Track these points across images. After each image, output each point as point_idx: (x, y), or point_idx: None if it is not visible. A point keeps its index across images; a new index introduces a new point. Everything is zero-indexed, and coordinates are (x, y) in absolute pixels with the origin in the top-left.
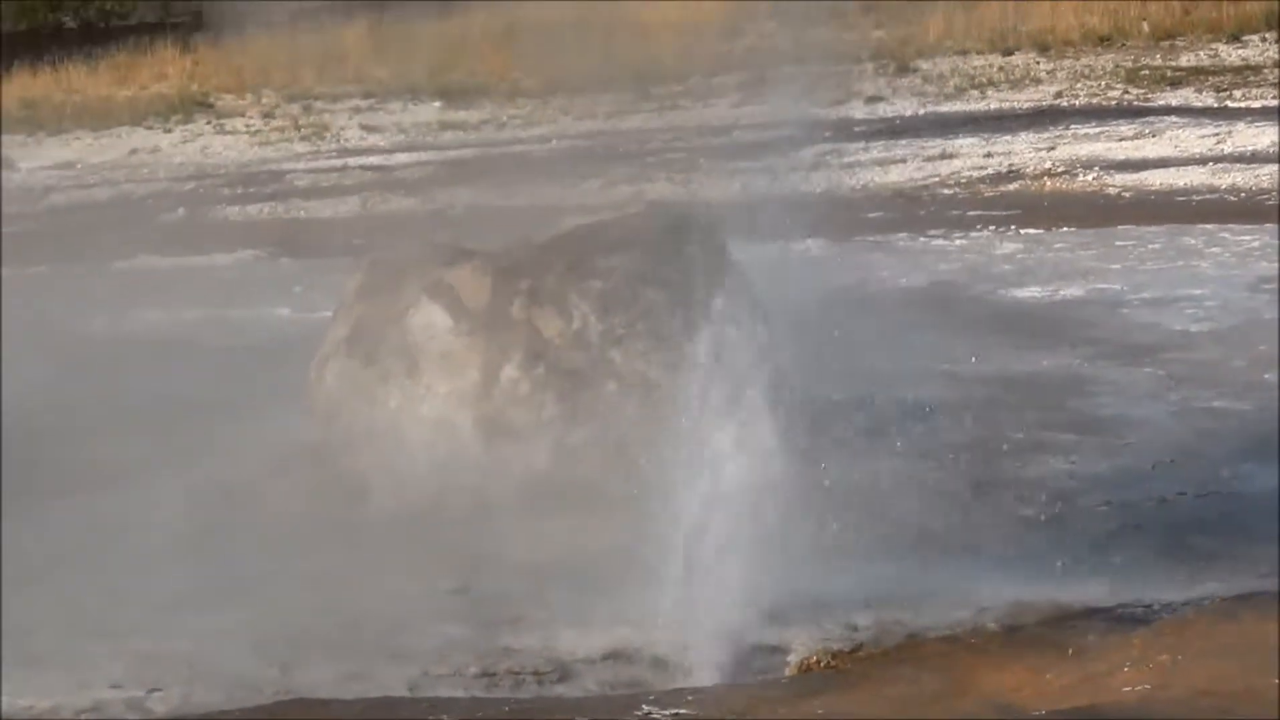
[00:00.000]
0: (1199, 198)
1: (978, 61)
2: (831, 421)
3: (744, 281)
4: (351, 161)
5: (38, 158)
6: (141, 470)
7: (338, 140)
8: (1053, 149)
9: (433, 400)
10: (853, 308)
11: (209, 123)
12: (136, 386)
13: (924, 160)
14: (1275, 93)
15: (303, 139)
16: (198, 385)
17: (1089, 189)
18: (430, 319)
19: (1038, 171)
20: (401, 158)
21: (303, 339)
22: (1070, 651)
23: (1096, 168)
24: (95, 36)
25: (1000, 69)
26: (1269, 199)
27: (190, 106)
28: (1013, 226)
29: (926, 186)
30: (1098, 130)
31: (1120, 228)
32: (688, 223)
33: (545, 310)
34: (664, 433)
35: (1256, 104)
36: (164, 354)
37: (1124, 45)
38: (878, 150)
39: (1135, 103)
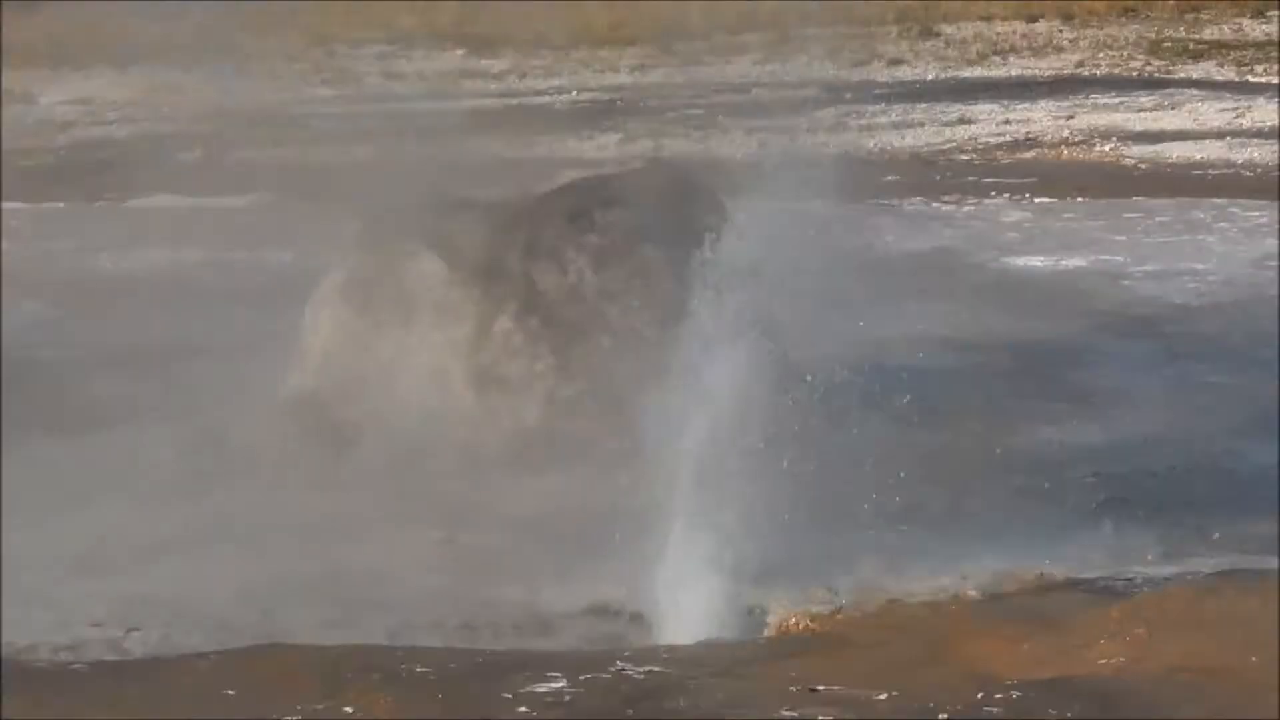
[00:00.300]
0: (1215, 172)
1: (1001, 28)
2: (823, 385)
3: (743, 242)
4: (372, 108)
5: (58, 92)
6: (131, 412)
7: (359, 85)
8: (1071, 118)
9: (426, 350)
10: (854, 272)
11: (231, 64)
12: (131, 327)
13: (942, 125)
14: None
15: (324, 83)
16: (192, 327)
17: (1105, 159)
18: (426, 268)
19: (1055, 140)
20: (422, 105)
21: (302, 284)
22: (1049, 622)
23: (1114, 138)
24: None
25: (1023, 36)
26: None
27: (213, 48)
28: (1026, 195)
29: (943, 151)
30: (1117, 101)
31: (1133, 199)
32: (689, 180)
33: (542, 263)
34: (656, 389)
35: (1277, 79)
36: (162, 295)
37: (1148, 16)
38: (896, 114)
39: (1156, 74)
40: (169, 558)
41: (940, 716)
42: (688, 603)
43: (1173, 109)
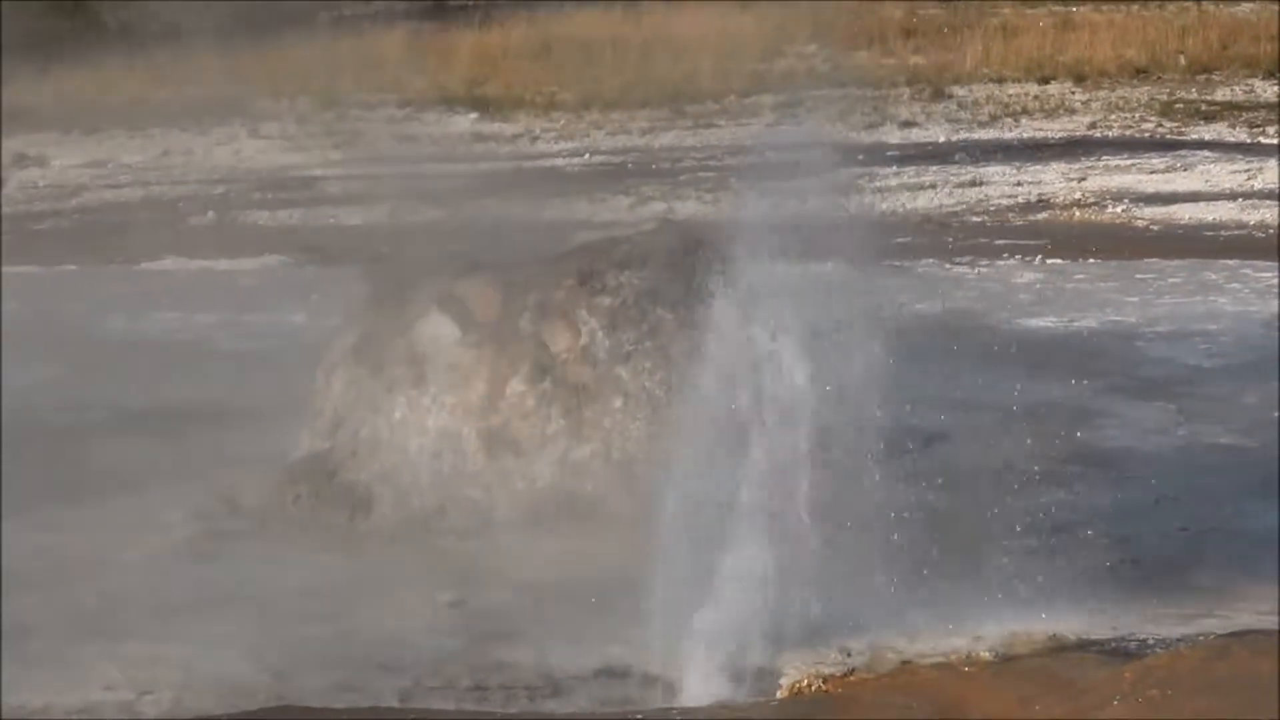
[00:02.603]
0: (1226, 233)
1: (1013, 89)
2: (834, 446)
3: (755, 303)
4: (383, 170)
5: (71, 155)
6: (142, 475)
7: (370, 148)
8: (1083, 179)
9: (438, 411)
10: (865, 333)
11: (243, 126)
12: (144, 389)
13: (954, 187)
14: None
15: (335, 146)
16: (204, 390)
17: (1117, 221)
18: (438, 330)
19: (1067, 202)
20: (433, 168)
21: (314, 346)
22: (1061, 683)
23: (1126, 200)
24: (134, 37)
25: (1035, 97)
26: None
27: (224, 110)
28: (1038, 256)
29: (955, 213)
30: (1129, 162)
31: (1144, 261)
32: (700, 241)
33: (554, 324)
34: (668, 452)
35: None
36: (175, 357)
37: (1160, 78)
38: (908, 175)
39: (1168, 136)
40: (181, 620)
41: None
42: (700, 665)
43: (1185, 170)
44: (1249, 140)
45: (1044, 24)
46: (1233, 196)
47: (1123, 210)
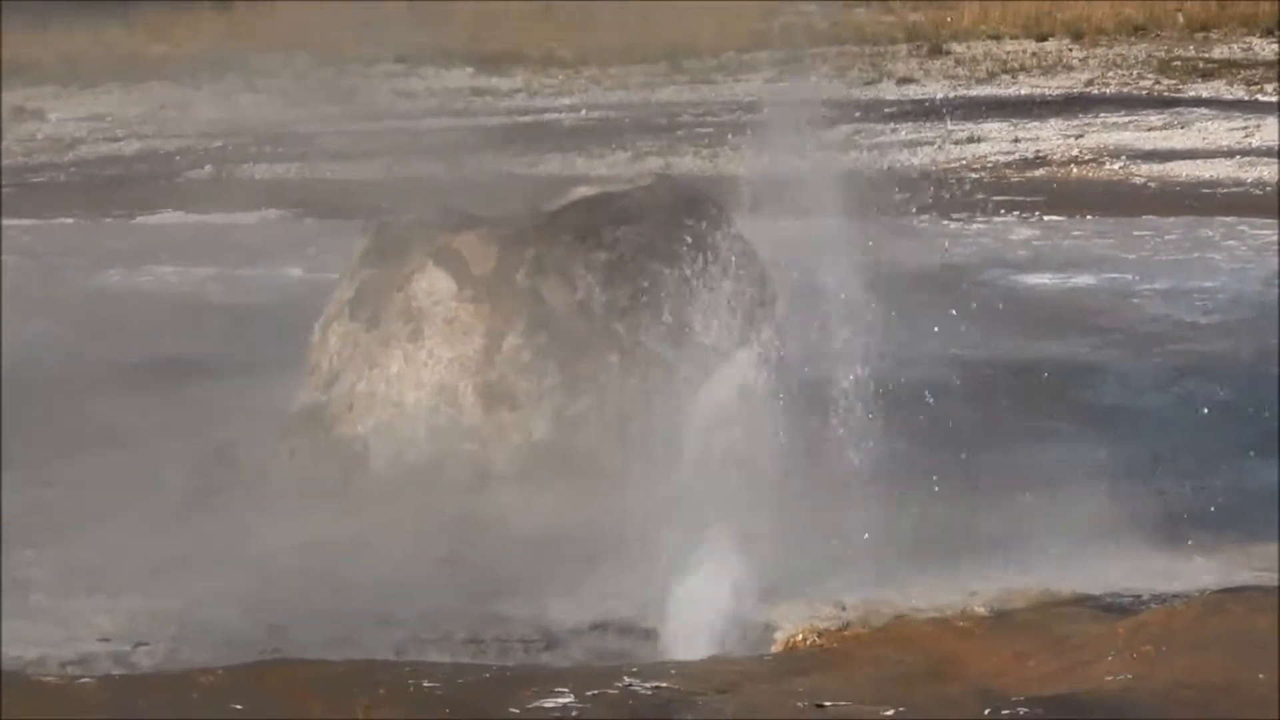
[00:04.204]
0: (1224, 190)
1: (1011, 46)
2: (829, 402)
3: (751, 259)
4: (380, 125)
5: (68, 109)
6: (139, 428)
7: (368, 103)
8: (1081, 137)
9: (434, 366)
10: (862, 289)
11: (240, 80)
12: (140, 343)
13: (952, 143)
14: None
15: (333, 101)
16: (201, 344)
17: (1115, 178)
18: (435, 284)
19: (1064, 159)
20: (431, 123)
21: (310, 300)
22: (1055, 638)
23: (1123, 157)
24: None
25: (1033, 54)
26: None
27: (221, 64)
28: (1035, 213)
29: (952, 170)
30: (1127, 119)
31: (1142, 218)
32: (697, 197)
33: (550, 279)
34: (664, 406)
35: None
36: (172, 311)
37: (1158, 35)
38: (906, 132)
39: (1166, 93)
40: (177, 573)
41: None
42: (695, 618)
43: (1182, 128)
44: (1246, 98)
45: None
46: (1230, 154)
47: (1120, 167)
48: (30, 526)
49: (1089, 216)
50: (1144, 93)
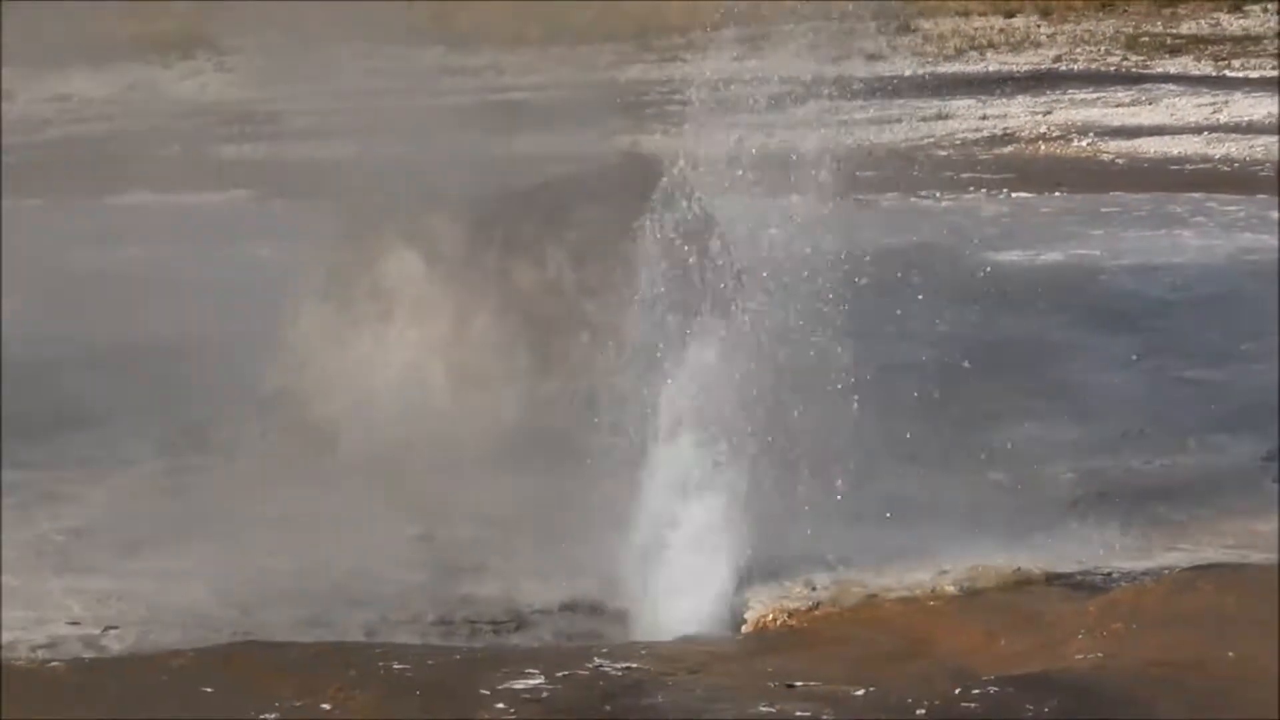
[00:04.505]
0: (1192, 167)
1: (979, 22)
2: (798, 380)
3: (720, 238)
4: (349, 104)
5: (36, 90)
6: (109, 409)
7: (337, 82)
8: (1049, 113)
9: (404, 347)
10: (830, 267)
11: (208, 60)
12: (110, 324)
13: (920, 120)
14: (1274, 63)
15: (302, 80)
16: (171, 325)
17: (1083, 154)
18: (405, 264)
19: (1033, 135)
20: (400, 102)
21: (281, 281)
22: (1026, 617)
23: (1092, 133)
24: None
25: (1001, 31)
26: (1262, 170)
27: (190, 43)
28: (1003, 190)
29: (921, 147)
30: (1095, 96)
31: (1110, 194)
32: (666, 175)
33: (520, 259)
34: (634, 386)
35: (1255, 74)
36: (141, 292)
37: (1125, 11)
38: (874, 109)
39: (1133, 69)
40: (147, 555)
41: (917, 712)
42: (665, 599)
43: (1150, 104)
44: (1214, 74)
45: None
46: (1198, 130)
47: (1088, 144)
48: None
49: (1057, 193)
50: (1112, 69)
